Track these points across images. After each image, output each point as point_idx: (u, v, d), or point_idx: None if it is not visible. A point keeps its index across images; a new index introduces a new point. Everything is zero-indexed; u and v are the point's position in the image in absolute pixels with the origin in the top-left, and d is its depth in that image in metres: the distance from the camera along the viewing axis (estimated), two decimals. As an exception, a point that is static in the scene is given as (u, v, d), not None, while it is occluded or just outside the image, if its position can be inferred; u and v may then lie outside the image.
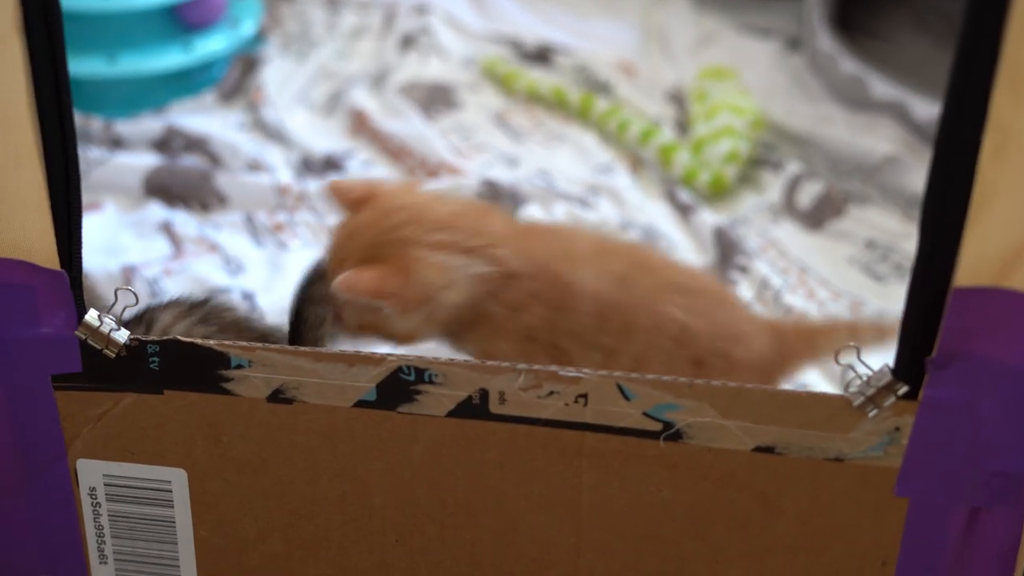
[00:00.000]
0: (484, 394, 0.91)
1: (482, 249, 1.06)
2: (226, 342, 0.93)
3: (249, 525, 1.00)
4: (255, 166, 1.68)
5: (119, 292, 0.95)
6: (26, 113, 0.86)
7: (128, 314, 0.95)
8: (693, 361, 1.07)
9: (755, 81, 1.91)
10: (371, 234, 1.07)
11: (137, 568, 1.03)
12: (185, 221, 1.57)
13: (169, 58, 1.80)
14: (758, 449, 0.89)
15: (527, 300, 1.05)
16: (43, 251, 0.91)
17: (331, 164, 1.71)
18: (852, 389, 0.87)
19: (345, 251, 1.08)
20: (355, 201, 1.09)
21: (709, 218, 1.60)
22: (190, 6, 1.83)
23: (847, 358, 0.88)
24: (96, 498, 1.00)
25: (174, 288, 1.42)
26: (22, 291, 0.92)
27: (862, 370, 0.87)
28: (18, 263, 0.91)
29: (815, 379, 1.34)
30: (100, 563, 1.03)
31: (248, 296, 1.43)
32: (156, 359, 0.94)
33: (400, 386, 0.92)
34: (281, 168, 1.69)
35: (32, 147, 0.87)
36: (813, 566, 0.93)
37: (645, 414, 0.90)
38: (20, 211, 0.90)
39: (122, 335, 0.93)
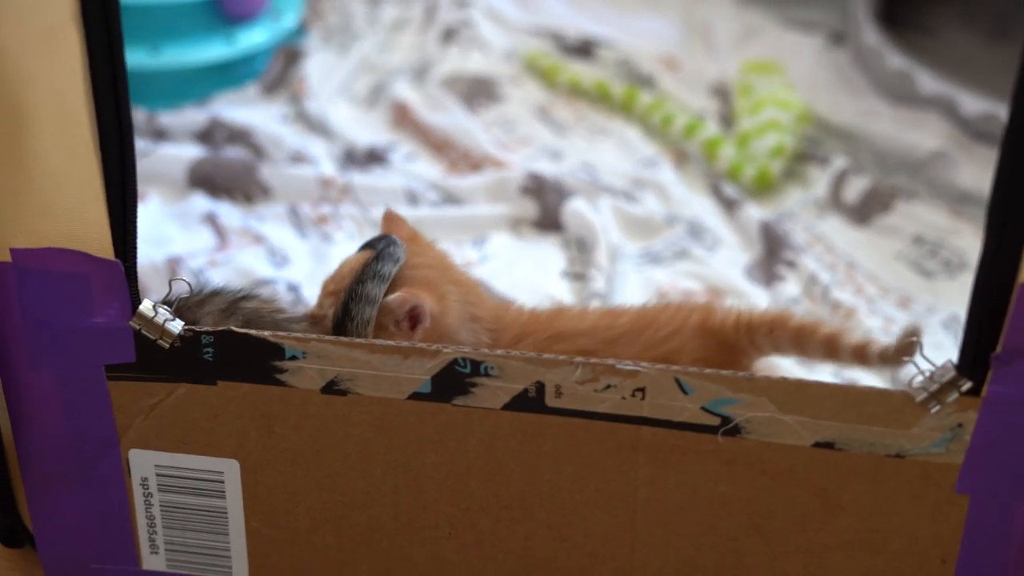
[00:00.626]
0: (540, 387, 0.90)
1: (481, 321, 1.08)
2: (281, 333, 0.92)
3: (301, 516, 0.99)
4: (298, 158, 1.68)
5: (173, 282, 0.95)
6: (83, 103, 0.86)
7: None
8: None
9: (799, 75, 1.90)
10: (428, 271, 1.08)
11: (188, 558, 1.03)
12: (229, 213, 1.56)
13: (212, 50, 1.80)
14: (818, 445, 0.88)
15: None
16: (98, 241, 0.91)
17: (374, 156, 1.70)
18: (915, 385, 0.86)
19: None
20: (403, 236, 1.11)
21: (755, 213, 1.59)
22: (233, -1, 1.83)
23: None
24: (148, 488, 1.00)
25: (220, 280, 1.42)
26: (77, 281, 0.92)
27: (925, 366, 0.86)
28: (73, 253, 0.91)
29: (862, 372, 1.33)
30: (151, 553, 1.03)
31: (293, 288, 1.43)
32: (210, 350, 0.93)
33: (455, 379, 0.91)
34: (324, 160, 1.68)
35: (88, 137, 0.87)
36: (871, 563, 0.92)
37: (703, 408, 0.89)
38: (75, 201, 0.90)
39: (176, 325, 0.93)
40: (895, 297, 1.47)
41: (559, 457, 0.93)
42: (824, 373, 1.30)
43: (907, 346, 0.94)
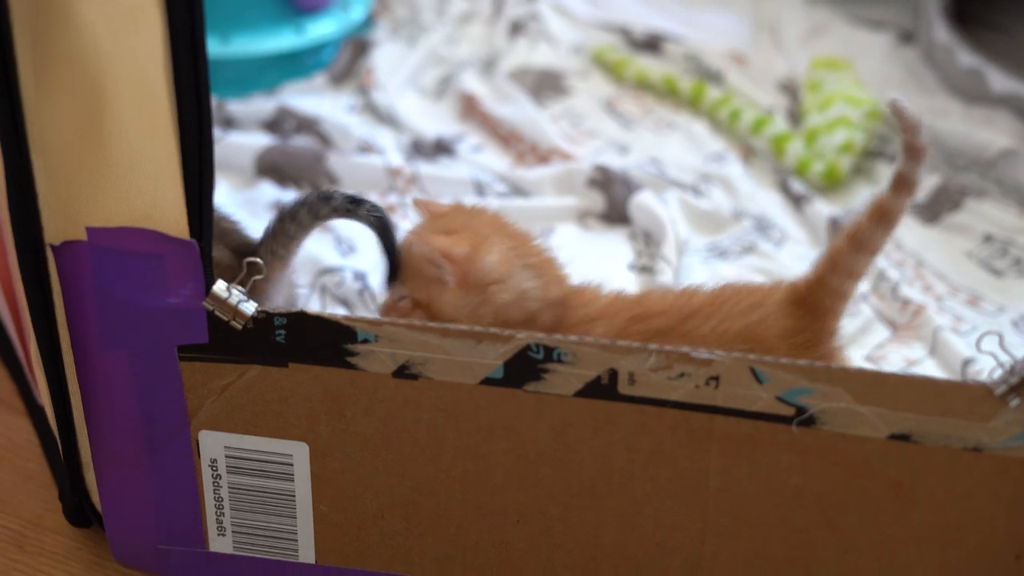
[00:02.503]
0: (613, 374, 0.90)
1: (542, 270, 1.07)
2: (354, 316, 0.92)
3: (369, 501, 0.99)
4: (366, 148, 1.68)
5: (247, 263, 0.95)
6: (163, 83, 0.87)
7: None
8: None
9: (868, 73, 1.88)
10: (453, 223, 1.09)
11: (254, 541, 1.03)
12: (297, 201, 1.57)
13: (281, 40, 1.80)
14: (893, 437, 0.87)
15: None
16: (173, 221, 0.91)
17: (442, 147, 1.70)
18: (994, 377, 0.85)
19: (427, 226, 1.10)
20: (443, 213, 1.11)
21: (823, 208, 1.57)
22: (303, -12, 1.84)
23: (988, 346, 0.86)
24: (217, 470, 1.00)
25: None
26: (152, 260, 0.92)
27: (1004, 358, 0.85)
28: (149, 232, 0.91)
29: (931, 369, 1.32)
30: (218, 534, 1.03)
31: (360, 276, 1.43)
32: (282, 332, 0.93)
33: (528, 364, 0.91)
34: (391, 151, 1.68)
35: (167, 117, 0.88)
36: (945, 559, 0.91)
37: (778, 398, 0.88)
38: (152, 181, 0.90)
39: (250, 307, 0.93)
40: (965, 296, 1.45)
41: (630, 445, 0.92)
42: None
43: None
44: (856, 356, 1.34)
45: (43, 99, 0.87)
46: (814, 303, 1.05)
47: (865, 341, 1.38)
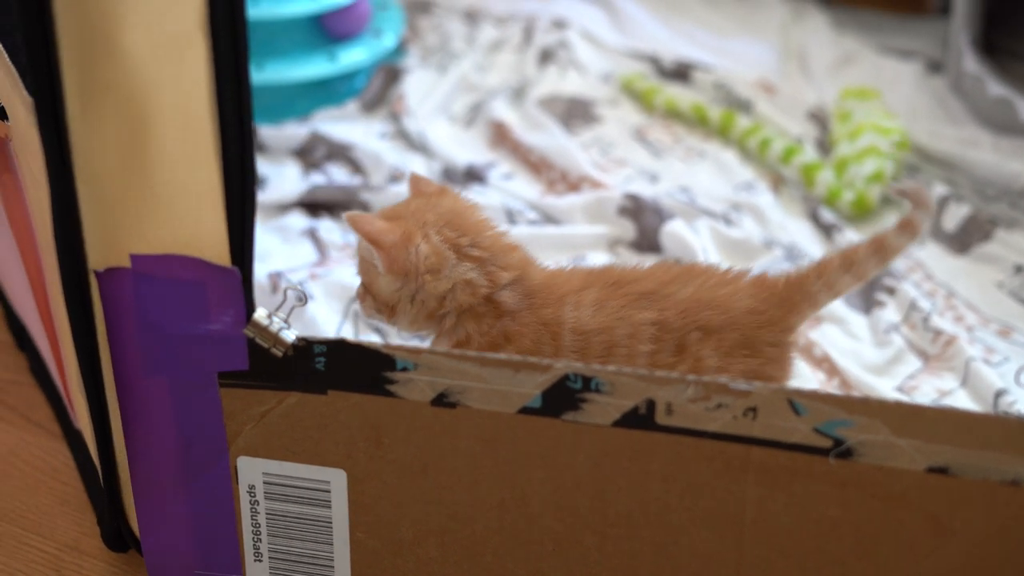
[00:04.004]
0: (651, 404, 0.90)
1: (482, 262, 1.08)
2: (393, 345, 0.93)
3: (406, 528, 1.00)
4: (397, 175, 1.69)
5: (289, 291, 0.96)
6: (206, 111, 0.88)
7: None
8: (675, 349, 1.06)
9: (897, 102, 1.89)
10: (406, 209, 1.11)
11: (291, 567, 1.03)
12: (330, 228, 1.58)
13: (314, 67, 1.82)
14: (931, 469, 0.87)
15: (499, 338, 1.07)
16: (215, 248, 0.92)
17: (473, 175, 1.71)
18: (1033, 411, 0.85)
19: (384, 209, 1.14)
20: (431, 193, 1.13)
21: (853, 238, 1.58)
22: (335, 17, 1.85)
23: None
24: (255, 496, 1.01)
25: (319, 292, 1.43)
26: (194, 287, 0.93)
27: (1042, 392, 0.85)
28: (191, 260, 0.92)
29: (963, 400, 1.32)
30: (255, 560, 1.04)
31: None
32: (322, 359, 0.94)
33: (566, 394, 0.91)
34: (423, 178, 1.69)
35: (210, 146, 0.89)
36: (982, 592, 0.91)
37: (815, 430, 0.88)
38: (195, 208, 0.91)
39: (290, 334, 0.94)
40: (996, 326, 1.46)
41: (667, 475, 0.93)
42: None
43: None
44: (887, 387, 1.34)
45: (89, 127, 0.88)
46: (785, 295, 1.09)
47: (896, 371, 1.38)
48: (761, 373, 1.06)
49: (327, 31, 1.86)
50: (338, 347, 0.93)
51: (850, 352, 1.41)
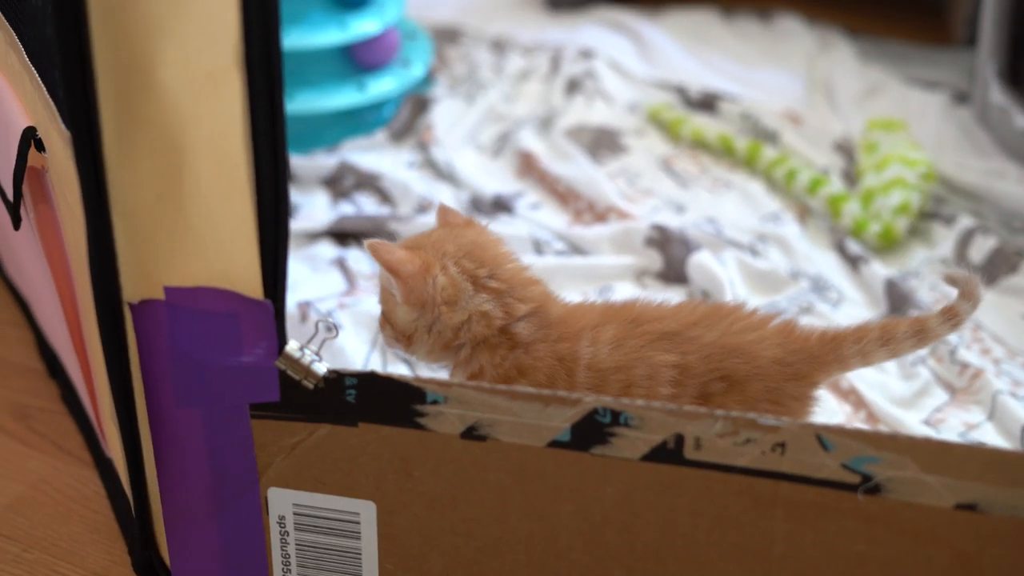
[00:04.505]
0: (680, 439, 0.91)
1: (499, 294, 1.08)
2: (424, 378, 0.94)
3: (435, 561, 1.00)
4: (425, 205, 1.70)
5: (320, 323, 0.97)
6: (241, 145, 0.89)
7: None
8: (697, 396, 1.06)
9: (923, 133, 1.89)
10: (428, 239, 1.12)
11: (320, 598, 1.04)
12: (358, 257, 1.59)
13: (344, 97, 1.83)
14: (959, 506, 0.88)
15: (512, 371, 1.07)
16: (249, 281, 0.93)
17: (500, 205, 1.72)
18: (1061, 449, 0.85)
19: (408, 239, 1.14)
20: (458, 224, 1.15)
21: (880, 270, 1.58)
22: (365, 47, 1.86)
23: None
24: (285, 527, 1.02)
25: (347, 322, 1.44)
26: (227, 319, 0.94)
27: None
28: (224, 292, 0.93)
29: (990, 434, 1.32)
30: (285, 591, 1.04)
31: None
32: (353, 391, 0.95)
33: (595, 428, 0.92)
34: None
35: (244, 179, 0.90)
36: (1010, 629, 0.91)
37: (844, 466, 0.89)
38: (228, 241, 0.92)
39: (321, 367, 0.95)
40: (1023, 359, 1.45)
41: (696, 510, 0.93)
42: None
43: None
44: (914, 420, 1.34)
45: (125, 162, 0.89)
46: (817, 352, 1.09)
47: (923, 404, 1.38)
48: None
49: (356, 61, 1.87)
50: (369, 380, 0.94)
51: (877, 385, 1.41)
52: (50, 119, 1.00)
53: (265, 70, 0.87)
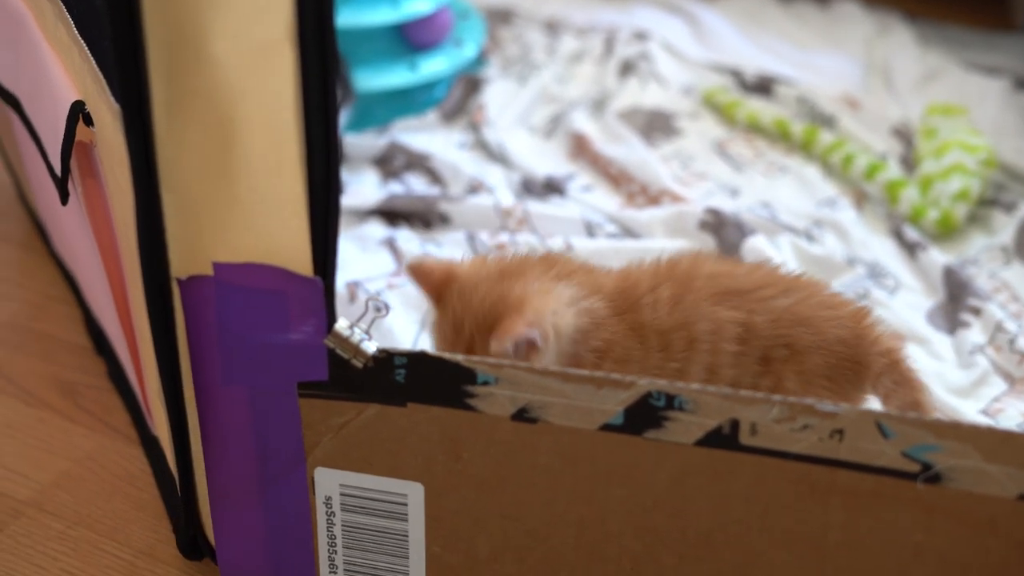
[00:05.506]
0: (735, 424, 0.89)
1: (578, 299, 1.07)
2: (474, 358, 0.92)
3: (483, 544, 0.99)
4: (476, 186, 1.68)
5: (369, 302, 0.95)
6: (292, 120, 0.87)
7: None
8: (760, 358, 1.06)
9: (983, 119, 1.86)
10: (478, 305, 1.07)
11: (366, 580, 1.03)
12: (408, 238, 1.57)
13: (395, 76, 1.82)
14: (1022, 497, 0.85)
15: (605, 347, 1.06)
16: (298, 258, 0.91)
17: (552, 187, 1.70)
18: None
19: (462, 324, 1.08)
20: (436, 284, 1.10)
21: (938, 257, 1.55)
22: (417, 26, 1.85)
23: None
24: (331, 507, 1.00)
25: (396, 302, 1.43)
26: (276, 297, 0.93)
27: None
28: (274, 269, 0.92)
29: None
30: (330, 572, 1.03)
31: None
32: (402, 371, 0.93)
33: (649, 411, 0.90)
34: (501, 188, 1.69)
35: (295, 155, 0.88)
36: (1072, 623, 0.89)
37: (903, 454, 0.86)
38: (278, 217, 0.90)
39: (371, 346, 0.93)
40: (1083, 350, 1.43)
41: (750, 497, 0.91)
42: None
43: None
44: (971, 409, 1.32)
45: (174, 135, 0.88)
46: (862, 355, 1.09)
47: (981, 394, 1.35)
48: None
49: (408, 40, 1.85)
50: (419, 360, 0.93)
51: (934, 373, 1.38)
52: (99, 92, 0.99)
53: (318, 43, 0.86)
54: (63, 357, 1.42)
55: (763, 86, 1.98)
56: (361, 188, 1.68)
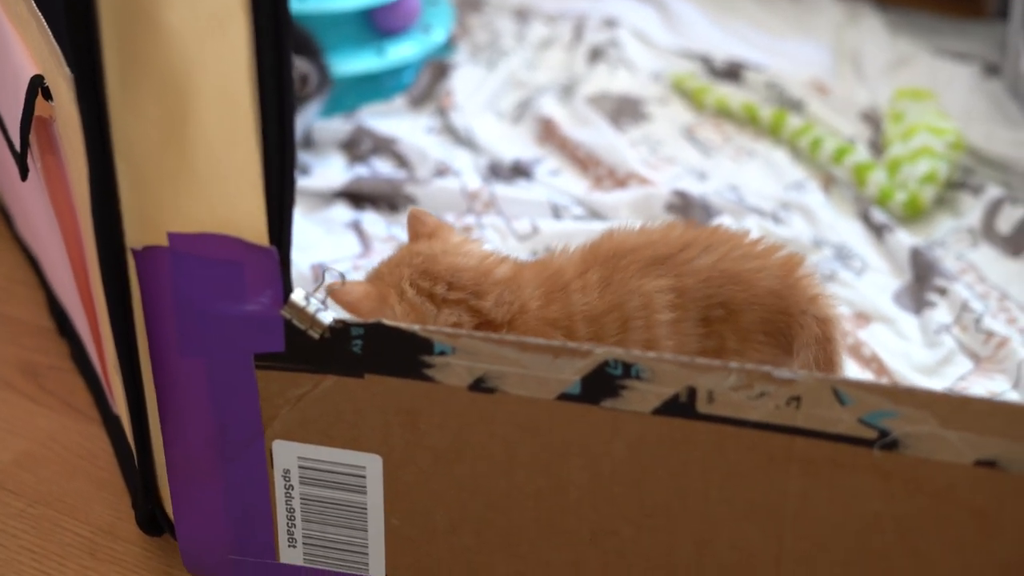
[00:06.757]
0: (692, 392, 0.88)
1: (462, 302, 1.07)
2: (431, 328, 0.92)
3: (441, 516, 0.98)
4: (443, 170, 1.68)
5: (325, 272, 0.95)
6: (247, 90, 0.86)
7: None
8: (700, 320, 1.06)
9: (953, 105, 1.86)
10: (387, 267, 1.11)
11: (325, 553, 1.02)
12: (374, 220, 1.57)
13: (362, 62, 1.81)
14: (979, 463, 0.85)
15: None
16: (254, 228, 0.91)
17: (519, 171, 1.70)
18: (1084, 404, 0.83)
19: (369, 272, 1.12)
20: (421, 232, 1.13)
21: (905, 239, 1.55)
22: (384, 12, 1.84)
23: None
24: (289, 480, 1.00)
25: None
26: (231, 267, 0.92)
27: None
28: (229, 239, 0.91)
29: (1003, 388, 1.29)
30: (289, 546, 1.03)
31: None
32: (359, 342, 0.93)
33: (605, 380, 0.90)
34: (468, 172, 1.68)
35: (250, 124, 0.88)
36: (1031, 591, 0.89)
37: (860, 420, 0.86)
38: (234, 188, 0.90)
39: (327, 316, 0.93)
40: (1050, 329, 1.43)
41: (708, 466, 0.91)
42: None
43: None
44: (937, 387, 1.32)
45: (128, 105, 0.87)
46: (788, 306, 1.08)
47: (947, 373, 1.35)
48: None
49: (376, 26, 1.85)
50: (375, 330, 0.92)
51: (900, 353, 1.38)
52: (56, 65, 0.98)
53: (271, 13, 0.85)
54: (26, 339, 1.41)
55: (732, 72, 1.98)
56: (327, 171, 1.67)
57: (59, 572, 1.10)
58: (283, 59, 0.87)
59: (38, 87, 1.04)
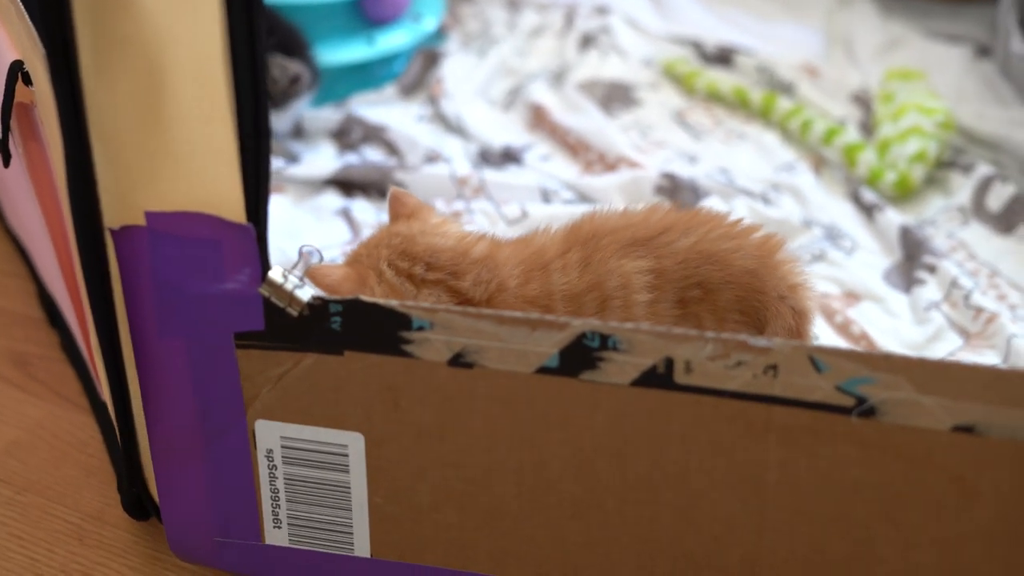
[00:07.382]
0: (669, 363, 0.88)
1: (440, 282, 1.07)
2: (409, 303, 0.92)
3: (424, 493, 0.98)
4: (433, 157, 1.68)
5: (303, 251, 0.95)
6: (220, 68, 0.86)
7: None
8: (677, 301, 1.06)
9: (944, 86, 1.86)
10: (366, 248, 1.11)
11: (310, 533, 1.02)
12: (364, 208, 1.57)
13: (353, 51, 1.81)
14: (957, 428, 0.85)
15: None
16: (230, 206, 0.91)
17: (509, 156, 1.70)
18: (1061, 366, 0.82)
19: (349, 254, 1.13)
20: (401, 213, 1.13)
21: (895, 218, 1.55)
22: (374, 1, 1.84)
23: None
24: (273, 460, 1.00)
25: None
26: (208, 246, 0.92)
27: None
28: (206, 217, 0.91)
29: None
30: (274, 527, 1.03)
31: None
32: (338, 319, 0.93)
33: (583, 352, 0.90)
34: (459, 159, 1.68)
35: (224, 102, 0.87)
36: (1011, 556, 0.89)
37: (838, 388, 0.86)
38: (209, 165, 0.90)
39: (306, 293, 0.93)
40: (1040, 305, 1.42)
41: (687, 437, 0.91)
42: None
43: None
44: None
45: (103, 84, 0.87)
46: (765, 288, 1.07)
47: (936, 349, 1.35)
48: None
49: (366, 15, 1.85)
50: (354, 307, 0.92)
51: (889, 331, 1.38)
52: (32, 46, 0.98)
53: (243, -13, 0.85)
54: (16, 330, 1.41)
55: (723, 57, 1.98)
56: (317, 159, 1.67)
57: (47, 558, 1.10)
58: (256, 37, 0.87)
59: (18, 72, 1.04)
